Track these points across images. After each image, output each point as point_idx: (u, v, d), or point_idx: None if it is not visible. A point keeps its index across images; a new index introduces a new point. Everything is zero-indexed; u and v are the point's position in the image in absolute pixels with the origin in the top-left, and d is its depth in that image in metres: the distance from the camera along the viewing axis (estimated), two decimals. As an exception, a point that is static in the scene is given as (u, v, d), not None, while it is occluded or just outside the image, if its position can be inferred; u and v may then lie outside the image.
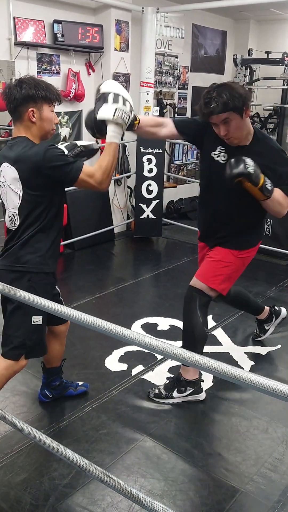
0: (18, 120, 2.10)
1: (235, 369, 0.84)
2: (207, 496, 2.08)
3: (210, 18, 6.79)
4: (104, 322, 1.03)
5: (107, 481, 1.08)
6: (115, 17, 5.25)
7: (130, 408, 2.65)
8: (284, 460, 2.30)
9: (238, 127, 2.32)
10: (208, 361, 0.91)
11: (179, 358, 0.91)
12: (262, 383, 0.82)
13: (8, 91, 2.06)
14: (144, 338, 0.96)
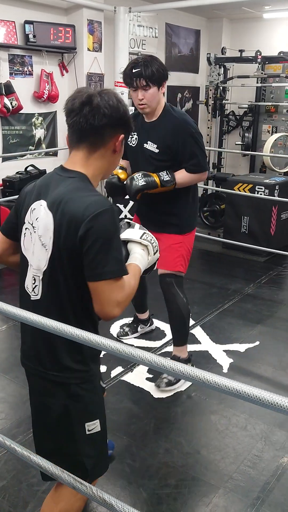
0: (85, 143, 1.46)
1: (199, 371, 0.84)
2: (186, 496, 2.08)
3: (183, 17, 6.80)
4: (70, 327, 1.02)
5: (79, 487, 1.07)
6: (87, 17, 5.23)
7: (109, 410, 2.62)
8: (263, 457, 2.32)
9: (153, 97, 2.55)
10: (174, 364, 0.90)
11: (146, 362, 0.91)
12: (239, 388, 0.82)
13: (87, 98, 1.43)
14: (111, 343, 0.95)
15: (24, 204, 1.52)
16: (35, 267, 1.45)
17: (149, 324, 3.50)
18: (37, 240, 1.44)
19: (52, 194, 1.43)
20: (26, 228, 1.49)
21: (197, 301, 4.03)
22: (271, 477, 2.20)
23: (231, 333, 3.51)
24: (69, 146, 1.50)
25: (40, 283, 1.44)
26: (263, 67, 6.45)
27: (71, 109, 1.43)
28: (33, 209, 1.47)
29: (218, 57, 6.63)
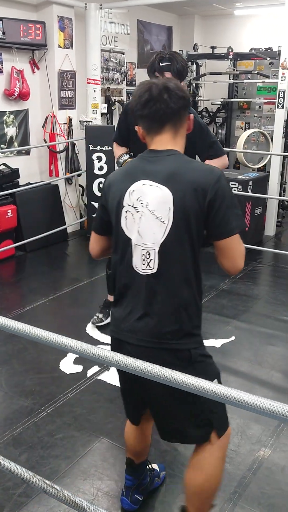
0: (167, 125, 1.56)
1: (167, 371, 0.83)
2: (164, 494, 2.09)
3: (154, 14, 6.79)
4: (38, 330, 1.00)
5: (50, 491, 1.05)
6: (58, 14, 5.17)
7: (86, 410, 2.62)
8: (239, 451, 2.33)
9: None
10: (150, 367, 0.89)
11: (113, 363, 0.90)
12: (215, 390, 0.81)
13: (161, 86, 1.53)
14: (80, 345, 0.94)
15: (112, 193, 1.60)
16: (148, 241, 1.50)
17: None
18: (147, 216, 1.50)
19: (156, 171, 1.52)
20: (126, 211, 1.55)
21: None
22: (248, 471, 2.22)
23: (207, 329, 3.53)
24: (147, 135, 1.59)
25: (156, 255, 1.49)
26: (235, 64, 6.50)
27: (149, 99, 1.52)
28: (132, 190, 1.54)
29: (191, 53, 6.65)
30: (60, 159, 5.56)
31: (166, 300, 1.51)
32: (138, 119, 1.59)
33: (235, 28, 7.09)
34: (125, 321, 1.57)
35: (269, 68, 6.21)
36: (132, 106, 1.59)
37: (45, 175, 5.55)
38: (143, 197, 1.52)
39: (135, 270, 1.54)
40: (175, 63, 2.66)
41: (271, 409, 0.75)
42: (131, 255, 1.55)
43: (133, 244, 1.54)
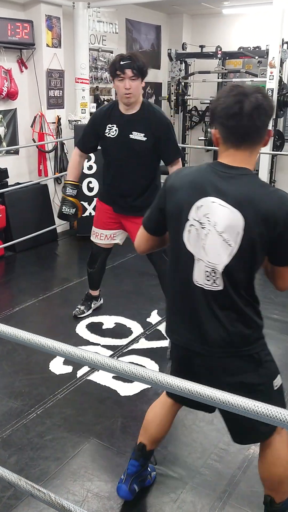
0: (248, 142, 1.53)
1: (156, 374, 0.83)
2: (154, 494, 2.08)
3: (143, 13, 6.78)
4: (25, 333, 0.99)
5: (37, 494, 1.05)
6: (45, 13, 5.14)
7: (76, 410, 2.61)
8: (229, 450, 2.34)
9: (138, 88, 2.87)
10: (136, 370, 0.89)
11: (98, 365, 0.89)
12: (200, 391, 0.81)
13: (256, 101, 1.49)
14: (67, 348, 0.93)
15: (175, 201, 1.59)
16: (212, 261, 1.52)
17: (99, 299, 3.79)
18: (214, 236, 1.51)
19: (229, 191, 1.49)
20: (190, 225, 1.55)
21: (163, 297, 4.00)
22: (238, 470, 2.22)
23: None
24: (223, 144, 1.55)
25: (221, 275, 1.52)
26: (223, 63, 6.51)
27: (238, 113, 1.47)
28: (200, 206, 1.52)
29: (179, 52, 6.66)
30: (49, 158, 5.53)
31: (232, 314, 1.57)
32: (218, 125, 1.54)
33: (223, 27, 7.10)
34: (191, 332, 1.62)
35: (257, 67, 6.23)
36: (215, 110, 1.54)
37: (34, 175, 5.53)
38: (211, 216, 1.51)
39: (195, 284, 1.57)
40: (136, 61, 2.80)
41: (268, 414, 0.75)
42: (192, 269, 1.57)
43: (196, 259, 1.56)
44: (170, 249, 1.67)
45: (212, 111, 1.56)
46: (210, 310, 1.57)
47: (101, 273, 3.59)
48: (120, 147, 2.99)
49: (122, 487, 1.97)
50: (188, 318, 1.62)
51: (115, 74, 2.84)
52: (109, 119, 3.01)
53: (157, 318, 3.67)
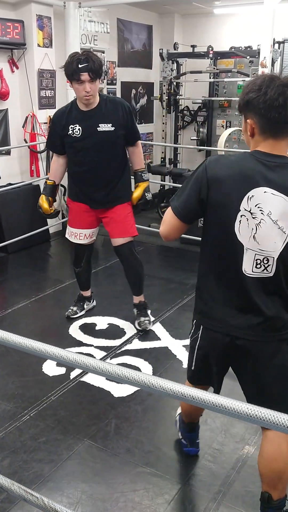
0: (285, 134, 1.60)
1: (146, 376, 0.82)
2: (148, 495, 2.08)
3: (134, 13, 6.77)
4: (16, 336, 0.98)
5: (30, 499, 1.04)
6: (36, 12, 5.12)
7: (70, 412, 2.60)
8: (223, 450, 2.34)
9: (96, 88, 2.95)
10: (127, 372, 0.88)
11: (90, 368, 0.89)
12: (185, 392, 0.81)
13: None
14: (58, 351, 0.92)
15: (223, 191, 1.60)
16: (267, 248, 1.59)
17: (92, 300, 3.81)
18: (269, 225, 1.56)
19: (279, 180, 1.55)
20: (242, 215, 1.58)
21: (156, 298, 4.03)
22: (232, 469, 2.22)
23: (189, 328, 3.52)
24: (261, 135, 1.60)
25: (274, 262, 1.60)
26: (215, 62, 6.50)
27: (283, 105, 1.53)
28: (251, 196, 1.56)
29: (171, 52, 6.64)
30: (41, 159, 5.51)
31: (277, 300, 1.65)
32: (256, 116, 1.58)
33: (215, 27, 7.10)
34: (236, 318, 1.68)
35: (249, 67, 6.22)
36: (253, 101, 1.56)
37: (26, 176, 5.50)
38: (264, 205, 1.56)
39: (244, 272, 1.62)
40: (92, 63, 2.82)
41: (249, 413, 0.75)
42: (241, 258, 1.62)
43: (245, 249, 1.61)
44: (212, 237, 1.69)
45: (247, 102, 1.58)
46: (256, 296, 1.64)
47: (88, 271, 3.63)
48: (89, 143, 3.03)
49: (191, 450, 2.28)
50: (233, 304, 1.68)
51: (72, 78, 2.86)
52: (70, 120, 3.05)
53: (151, 319, 3.66)
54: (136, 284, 3.47)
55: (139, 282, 3.47)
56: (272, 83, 1.55)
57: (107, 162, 3.09)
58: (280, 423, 0.76)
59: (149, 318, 3.46)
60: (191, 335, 1.88)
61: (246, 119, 1.64)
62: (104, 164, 3.09)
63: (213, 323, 1.74)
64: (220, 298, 1.71)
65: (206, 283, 1.76)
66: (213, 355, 1.80)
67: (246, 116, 1.63)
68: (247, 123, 1.63)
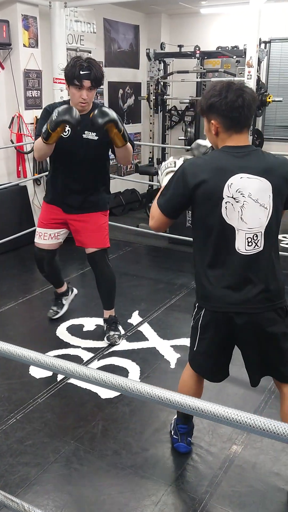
0: (247, 127, 1.88)
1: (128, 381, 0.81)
2: (135, 497, 2.07)
3: (121, 13, 6.75)
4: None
5: (10, 505, 1.03)
6: (22, 12, 5.08)
7: (56, 415, 2.59)
8: (210, 450, 2.34)
9: (93, 97, 2.94)
10: (107, 377, 0.87)
11: (76, 375, 0.88)
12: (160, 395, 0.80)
13: (251, 93, 1.84)
14: (37, 356, 0.91)
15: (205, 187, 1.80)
16: (254, 226, 1.80)
17: (70, 292, 3.77)
18: (251, 205, 1.79)
19: (251, 165, 1.80)
20: (226, 202, 1.80)
21: (144, 298, 4.03)
22: (219, 469, 2.22)
23: (178, 328, 3.53)
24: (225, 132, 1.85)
25: (262, 237, 1.82)
26: (202, 62, 6.51)
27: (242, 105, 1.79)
28: (231, 184, 1.79)
29: (158, 52, 6.64)
30: (28, 159, 5.48)
31: (269, 270, 1.85)
32: (220, 117, 1.83)
33: (201, 27, 7.11)
34: (233, 296, 1.84)
35: (235, 66, 6.24)
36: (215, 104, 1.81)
37: (13, 176, 5.47)
38: (244, 189, 1.79)
39: (237, 251, 1.82)
40: (95, 71, 2.80)
41: (227, 417, 0.74)
42: (233, 239, 1.82)
43: (237, 230, 1.81)
44: (203, 227, 1.86)
45: (210, 106, 1.82)
46: (250, 272, 1.83)
47: (56, 272, 3.57)
48: (74, 146, 2.99)
49: (180, 445, 2.31)
50: (231, 283, 1.84)
51: (72, 83, 2.82)
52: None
53: (138, 319, 3.66)
54: (108, 296, 3.35)
55: (111, 295, 3.36)
56: (230, 88, 1.80)
57: (87, 168, 3.05)
58: (257, 425, 0.75)
59: (119, 333, 3.33)
60: (194, 316, 2.01)
61: (209, 121, 1.87)
62: (84, 170, 3.06)
63: (214, 304, 1.89)
64: (217, 280, 1.86)
65: (202, 269, 1.91)
66: (216, 336, 1.94)
67: (210, 118, 1.87)
68: (212, 124, 1.86)
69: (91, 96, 2.90)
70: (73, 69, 2.79)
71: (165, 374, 2.97)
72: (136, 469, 2.22)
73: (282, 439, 0.85)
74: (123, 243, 5.44)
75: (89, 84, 2.82)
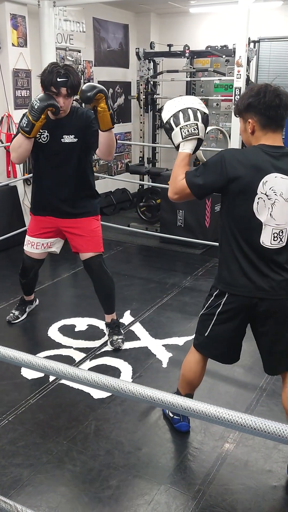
0: (281, 126, 1.98)
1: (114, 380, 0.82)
2: (128, 497, 2.07)
3: (110, 12, 6.74)
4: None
5: (3, 507, 1.02)
6: (10, 11, 5.06)
7: (49, 415, 2.58)
8: (202, 449, 2.35)
9: (69, 104, 2.89)
10: (97, 377, 0.87)
11: (67, 376, 0.88)
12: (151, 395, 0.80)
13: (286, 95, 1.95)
14: (27, 357, 0.91)
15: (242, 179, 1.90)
16: (281, 222, 1.94)
17: (34, 302, 3.78)
18: (282, 203, 1.92)
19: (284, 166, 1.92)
20: (259, 198, 1.92)
21: (136, 297, 4.03)
22: (211, 468, 2.23)
23: (170, 327, 3.54)
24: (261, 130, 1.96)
25: (286, 233, 1.96)
26: (191, 62, 6.52)
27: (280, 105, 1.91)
28: (265, 181, 1.90)
29: (147, 51, 6.64)
30: (18, 159, 5.44)
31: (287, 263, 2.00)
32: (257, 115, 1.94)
33: (191, 26, 7.12)
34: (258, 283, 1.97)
35: (225, 66, 6.27)
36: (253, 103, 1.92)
37: (3, 176, 5.44)
38: (276, 188, 1.91)
39: (262, 245, 1.95)
40: (71, 79, 2.76)
41: (219, 416, 0.75)
42: (259, 233, 1.94)
43: (264, 225, 1.93)
44: (236, 219, 1.98)
45: (248, 105, 1.94)
46: (273, 264, 1.97)
47: (35, 281, 3.59)
48: (54, 151, 2.96)
49: (183, 424, 2.43)
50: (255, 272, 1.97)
51: (49, 89, 2.77)
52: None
53: (130, 318, 3.66)
54: (108, 301, 3.31)
55: (110, 299, 3.31)
56: (267, 89, 1.93)
57: (71, 173, 3.01)
58: (248, 425, 0.76)
59: (122, 337, 3.28)
60: (209, 304, 2.12)
61: (246, 120, 1.98)
62: (68, 175, 3.01)
63: (240, 288, 2.01)
64: (243, 267, 1.98)
65: (230, 256, 2.02)
66: (236, 318, 2.06)
67: (246, 117, 1.98)
68: (248, 123, 1.97)
69: (68, 103, 2.86)
70: (50, 75, 2.74)
71: (157, 373, 2.97)
72: (129, 469, 2.22)
73: (273, 437, 0.86)
74: (114, 242, 5.44)
75: (66, 91, 2.78)
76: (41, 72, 2.87)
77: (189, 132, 2.04)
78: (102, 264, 3.18)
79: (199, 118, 2.04)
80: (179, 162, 2.07)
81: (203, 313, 2.16)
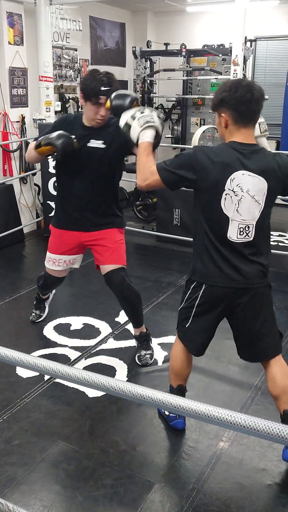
0: (253, 121, 2.04)
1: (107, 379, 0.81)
2: (123, 495, 2.07)
3: (107, 10, 6.73)
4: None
5: (-5, 506, 1.02)
6: (6, 10, 5.04)
7: (44, 414, 2.58)
8: (197, 447, 2.35)
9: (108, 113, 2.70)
10: (89, 376, 0.87)
11: (61, 375, 0.88)
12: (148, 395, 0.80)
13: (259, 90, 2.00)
14: (27, 358, 0.91)
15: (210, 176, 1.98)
16: (247, 218, 2.01)
17: (50, 295, 3.68)
18: (248, 199, 1.99)
19: (253, 164, 1.98)
20: (226, 194, 1.99)
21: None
22: (206, 466, 2.23)
23: (165, 326, 3.54)
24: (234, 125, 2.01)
25: (253, 228, 2.03)
26: (188, 60, 6.53)
27: (251, 100, 1.96)
28: (233, 178, 1.97)
29: (144, 50, 6.64)
30: (14, 158, 5.45)
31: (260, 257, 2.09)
32: (230, 110, 1.99)
33: (187, 25, 7.12)
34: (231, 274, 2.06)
35: (221, 65, 6.27)
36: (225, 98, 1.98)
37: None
38: (243, 185, 1.98)
39: (229, 239, 2.03)
40: (115, 88, 2.63)
41: (213, 415, 0.75)
42: (227, 228, 2.02)
43: (231, 220, 2.01)
44: (205, 213, 2.06)
45: (221, 100, 2.00)
46: (242, 256, 2.05)
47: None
48: (81, 157, 2.79)
49: (179, 421, 2.44)
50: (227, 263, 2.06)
51: (90, 99, 2.64)
52: (71, 130, 2.79)
53: (125, 317, 3.65)
54: (134, 316, 3.12)
55: (136, 314, 3.11)
56: (239, 84, 1.98)
57: (96, 180, 2.84)
58: (241, 424, 0.76)
59: (151, 352, 3.11)
60: (188, 297, 2.18)
61: (220, 114, 2.03)
62: (93, 183, 2.84)
63: (214, 279, 2.08)
64: (215, 259, 2.06)
65: (202, 249, 2.09)
66: (213, 308, 2.14)
67: (220, 111, 2.03)
68: (222, 117, 2.02)
69: (108, 113, 2.67)
70: (93, 83, 2.62)
71: (152, 372, 2.97)
72: (123, 467, 2.22)
73: (265, 436, 0.86)
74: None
75: (104, 100, 2.61)
76: (81, 80, 2.72)
77: (145, 120, 2.14)
78: (125, 278, 2.96)
79: (154, 114, 2.18)
80: (143, 151, 2.11)
81: (183, 307, 2.22)
